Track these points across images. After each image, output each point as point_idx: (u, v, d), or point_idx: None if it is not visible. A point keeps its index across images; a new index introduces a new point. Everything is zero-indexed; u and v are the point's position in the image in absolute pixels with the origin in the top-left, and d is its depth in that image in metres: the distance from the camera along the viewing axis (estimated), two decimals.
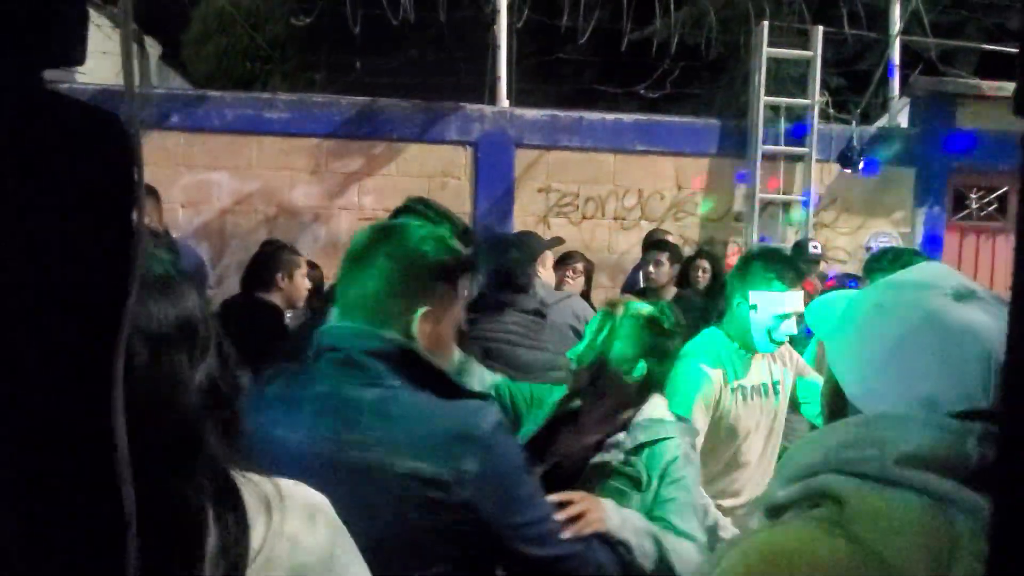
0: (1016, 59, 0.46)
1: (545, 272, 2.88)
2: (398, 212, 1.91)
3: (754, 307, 2.21)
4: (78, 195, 0.37)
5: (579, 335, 2.86)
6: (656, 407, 1.66)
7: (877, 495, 0.69)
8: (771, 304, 2.20)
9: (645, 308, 1.69)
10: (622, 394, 1.66)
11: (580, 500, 1.33)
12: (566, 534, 1.24)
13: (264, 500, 0.74)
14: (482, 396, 1.24)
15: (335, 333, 1.19)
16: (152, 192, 3.45)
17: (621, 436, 1.61)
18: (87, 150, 0.36)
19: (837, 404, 0.83)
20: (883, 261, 2.81)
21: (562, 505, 1.29)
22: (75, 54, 0.38)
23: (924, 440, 0.70)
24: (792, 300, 2.21)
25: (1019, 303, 0.48)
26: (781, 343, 2.27)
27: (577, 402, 1.72)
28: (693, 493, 1.58)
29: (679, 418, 1.72)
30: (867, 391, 0.79)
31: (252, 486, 0.74)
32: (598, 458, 1.60)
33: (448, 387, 1.19)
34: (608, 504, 1.40)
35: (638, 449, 1.59)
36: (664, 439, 1.59)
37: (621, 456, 1.58)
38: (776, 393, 2.35)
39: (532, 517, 1.18)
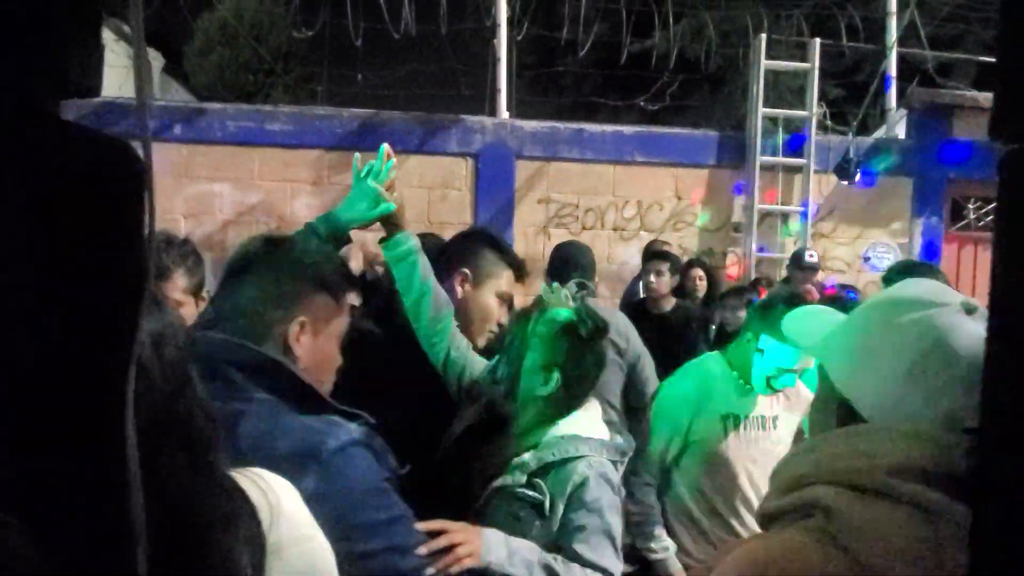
0: (993, 82, 0.48)
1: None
2: (464, 236, 1.85)
3: (761, 352, 2.13)
4: (93, 221, 0.39)
5: (620, 351, 2.86)
6: (576, 421, 1.49)
7: (866, 506, 0.70)
8: (780, 356, 2.12)
9: (561, 314, 1.51)
10: (534, 411, 1.50)
11: (454, 531, 1.21)
12: (429, 570, 1.13)
13: (257, 487, 0.78)
14: (351, 414, 1.14)
15: (205, 343, 1.13)
16: None
17: (527, 456, 1.44)
18: (100, 179, 0.38)
19: (847, 419, 0.82)
20: (891, 272, 2.78)
21: (433, 535, 1.17)
22: (91, 85, 0.40)
23: (913, 452, 0.71)
24: (803, 357, 2.10)
25: (998, 320, 0.50)
26: (777, 391, 2.21)
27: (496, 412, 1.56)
28: (607, 519, 1.40)
29: (616, 430, 1.55)
30: (886, 409, 0.78)
31: (240, 476, 0.78)
32: (497, 481, 1.44)
33: (315, 403, 1.11)
34: (490, 536, 1.28)
35: (544, 470, 1.41)
36: (574, 458, 1.41)
37: (523, 479, 1.41)
38: (775, 427, 2.24)
39: (381, 546, 1.08)
